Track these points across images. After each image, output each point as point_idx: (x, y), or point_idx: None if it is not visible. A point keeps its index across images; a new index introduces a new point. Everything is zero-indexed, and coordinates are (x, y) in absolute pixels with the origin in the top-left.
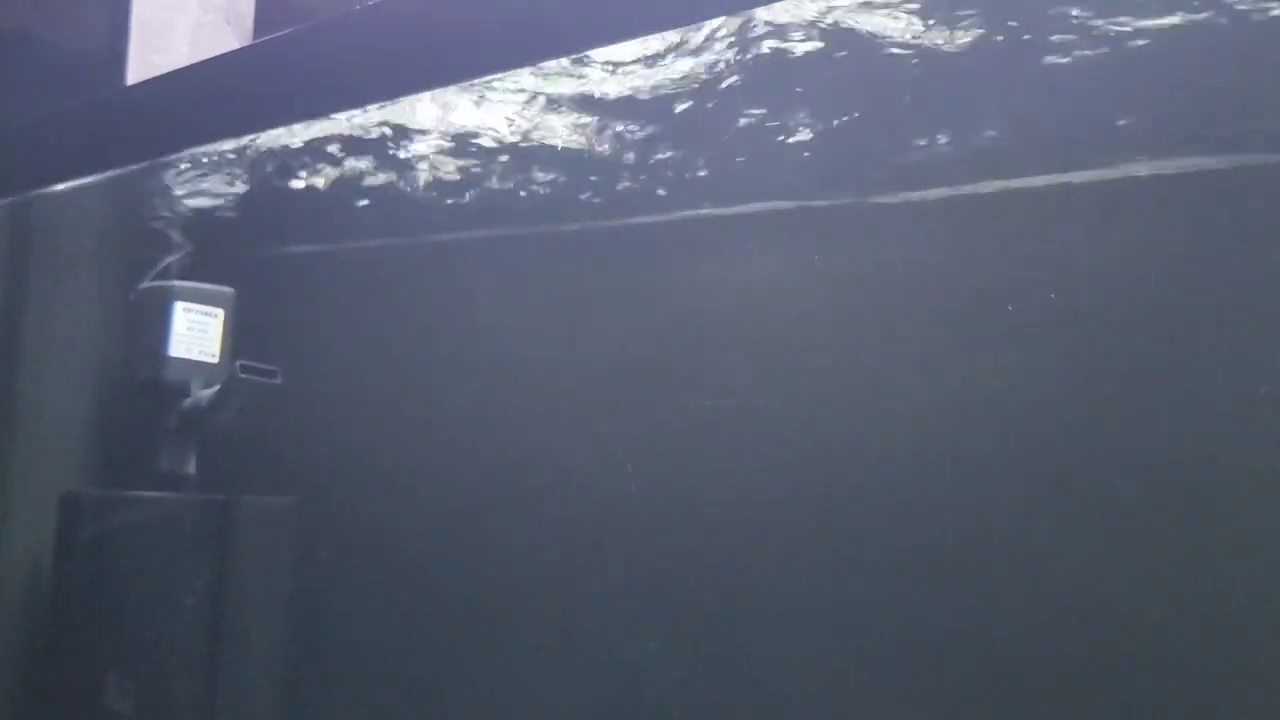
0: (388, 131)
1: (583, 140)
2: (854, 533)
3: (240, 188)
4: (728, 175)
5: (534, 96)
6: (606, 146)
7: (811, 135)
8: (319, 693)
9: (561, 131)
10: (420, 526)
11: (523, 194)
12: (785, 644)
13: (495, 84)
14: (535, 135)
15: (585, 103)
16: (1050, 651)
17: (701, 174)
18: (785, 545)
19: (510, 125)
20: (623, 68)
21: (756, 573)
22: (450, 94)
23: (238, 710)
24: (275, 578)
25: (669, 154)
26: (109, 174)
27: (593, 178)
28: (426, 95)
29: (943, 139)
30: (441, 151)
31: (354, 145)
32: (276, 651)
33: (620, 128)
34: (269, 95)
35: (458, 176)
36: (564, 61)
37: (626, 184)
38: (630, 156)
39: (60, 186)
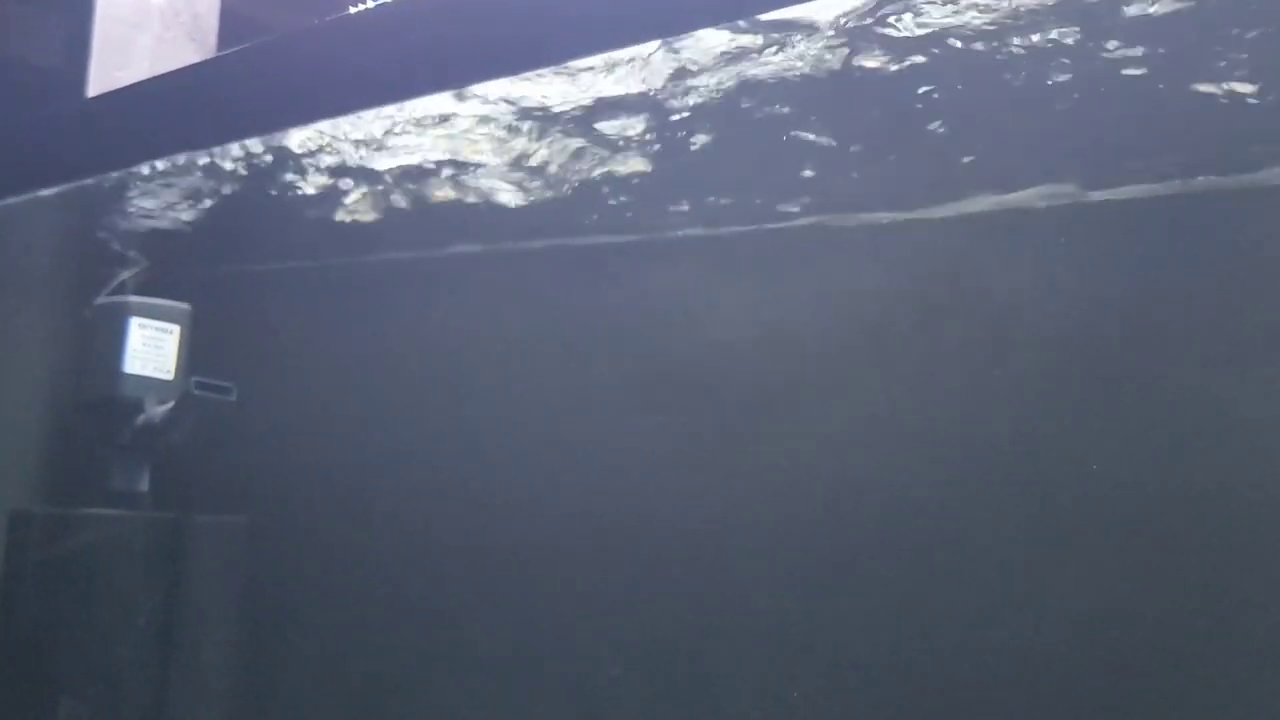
0: (344, 148)
1: (541, 157)
2: (818, 556)
3: (196, 204)
4: (693, 193)
5: (494, 110)
6: (565, 164)
7: (766, 157)
8: (270, 712)
9: (521, 148)
10: (375, 546)
11: (484, 211)
12: (749, 669)
13: (457, 99)
14: (495, 152)
15: (546, 119)
16: (1017, 671)
17: (670, 194)
18: (749, 568)
19: (469, 141)
20: (578, 83)
21: (719, 596)
22: (410, 109)
23: None
24: (227, 597)
25: (632, 171)
26: (64, 188)
27: (549, 195)
28: (384, 112)
29: (894, 162)
30: (399, 169)
31: (313, 161)
32: (228, 670)
33: (582, 143)
34: (230, 109)
35: (415, 194)
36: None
37: (586, 201)
38: (594, 173)
39: (13, 200)
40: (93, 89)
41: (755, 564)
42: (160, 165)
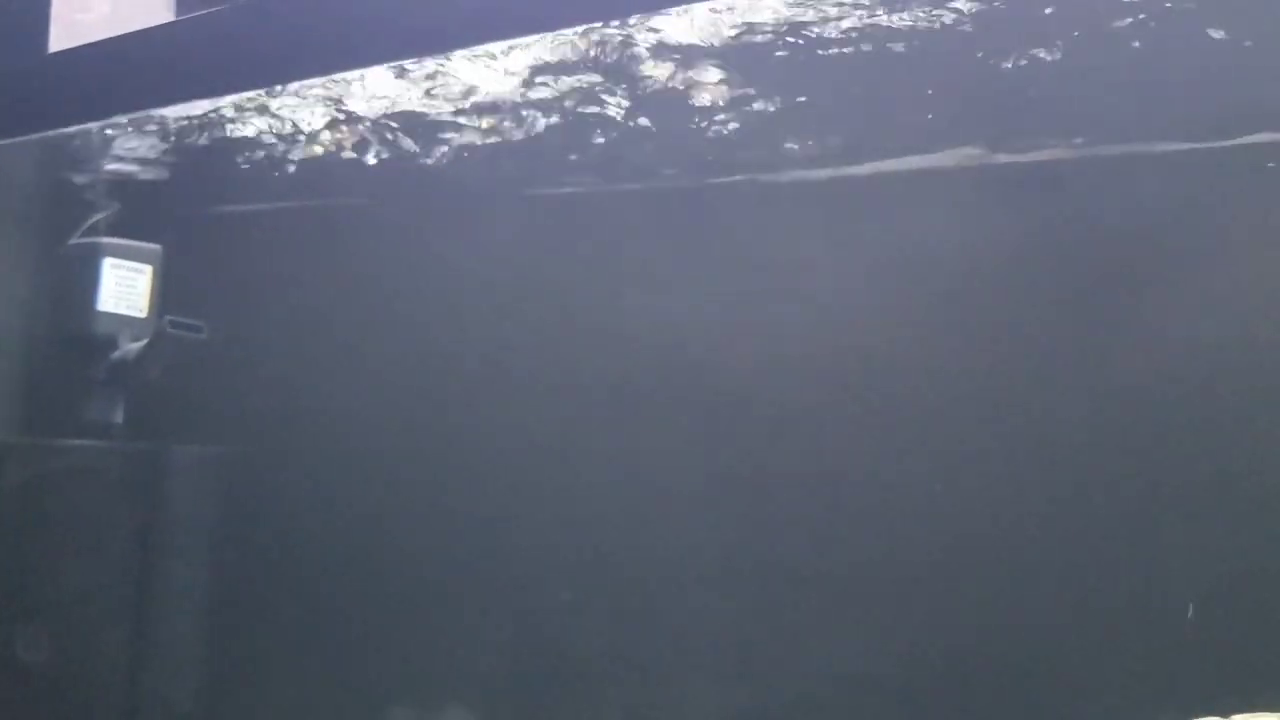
0: (316, 95)
1: (503, 110)
2: (765, 486)
3: (168, 149)
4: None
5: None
6: (522, 119)
7: (717, 116)
8: (243, 640)
9: (488, 98)
10: (342, 479)
11: (450, 160)
12: (696, 595)
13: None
14: (462, 101)
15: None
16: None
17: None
18: (698, 501)
19: (438, 93)
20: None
21: (668, 527)
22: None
23: (162, 657)
24: (201, 525)
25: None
26: (35, 135)
27: (516, 149)
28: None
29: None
30: (369, 118)
31: (281, 109)
32: (201, 598)
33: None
34: (196, 68)
35: (387, 142)
36: None
37: (554, 154)
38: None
39: None
40: (54, 31)
41: (706, 495)
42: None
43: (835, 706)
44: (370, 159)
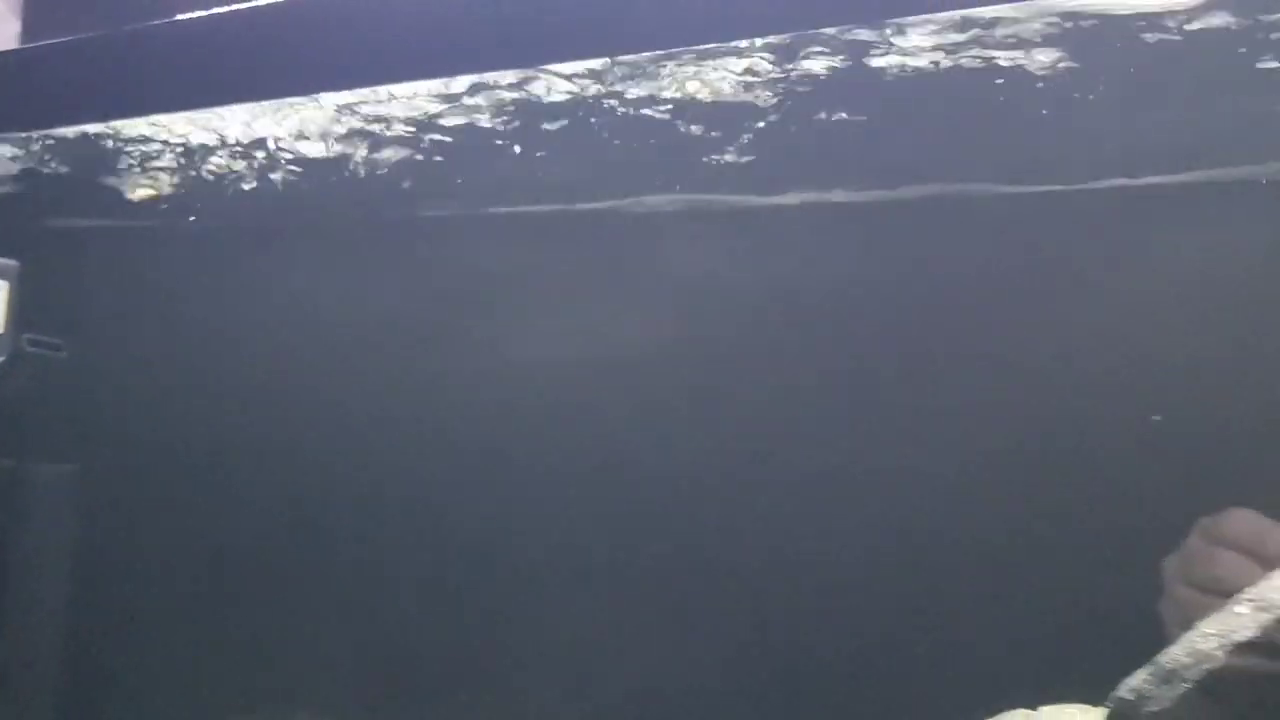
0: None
1: (360, 137)
2: (617, 491)
3: (25, 163)
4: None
5: None
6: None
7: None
8: (97, 657)
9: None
10: (200, 496)
11: (314, 182)
12: (545, 601)
13: None
14: (316, 122)
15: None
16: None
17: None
18: (548, 504)
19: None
20: None
21: (516, 534)
22: None
23: (16, 677)
24: (56, 543)
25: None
26: None
27: (371, 171)
28: None
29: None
30: (228, 140)
31: (143, 126)
32: (55, 616)
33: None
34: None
35: (248, 162)
36: None
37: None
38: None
39: None
40: None
41: (558, 499)
42: None
43: (688, 712)
44: (234, 180)
